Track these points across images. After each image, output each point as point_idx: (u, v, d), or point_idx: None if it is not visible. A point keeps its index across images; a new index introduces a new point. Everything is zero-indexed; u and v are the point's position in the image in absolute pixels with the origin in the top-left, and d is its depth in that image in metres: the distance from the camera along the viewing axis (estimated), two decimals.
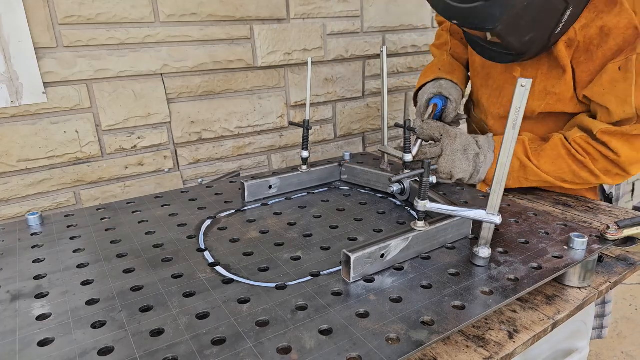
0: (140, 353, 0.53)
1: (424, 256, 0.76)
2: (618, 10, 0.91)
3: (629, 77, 0.91)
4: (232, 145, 1.48)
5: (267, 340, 0.55)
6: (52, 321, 0.60)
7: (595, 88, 0.96)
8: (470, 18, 0.90)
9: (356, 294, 0.65)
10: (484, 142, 1.07)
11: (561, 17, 0.91)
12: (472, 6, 0.85)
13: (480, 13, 0.85)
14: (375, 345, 0.54)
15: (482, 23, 0.88)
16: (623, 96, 0.92)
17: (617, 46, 0.93)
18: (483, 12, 0.85)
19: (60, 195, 1.24)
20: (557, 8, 0.89)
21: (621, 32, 0.92)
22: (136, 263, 0.75)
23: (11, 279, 0.71)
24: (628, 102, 0.92)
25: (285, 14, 1.45)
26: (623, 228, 0.79)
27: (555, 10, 0.89)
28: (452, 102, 1.21)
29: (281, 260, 0.76)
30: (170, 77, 1.31)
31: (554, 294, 0.74)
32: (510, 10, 0.83)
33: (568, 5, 0.89)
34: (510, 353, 0.61)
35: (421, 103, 1.25)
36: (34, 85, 1.12)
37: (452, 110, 1.21)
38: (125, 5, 1.19)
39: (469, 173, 1.05)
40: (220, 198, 1.05)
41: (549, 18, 0.91)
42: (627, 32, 0.91)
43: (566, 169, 1.01)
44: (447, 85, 1.24)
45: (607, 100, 0.95)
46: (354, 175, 1.15)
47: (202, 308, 0.62)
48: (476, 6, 0.85)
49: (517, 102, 0.62)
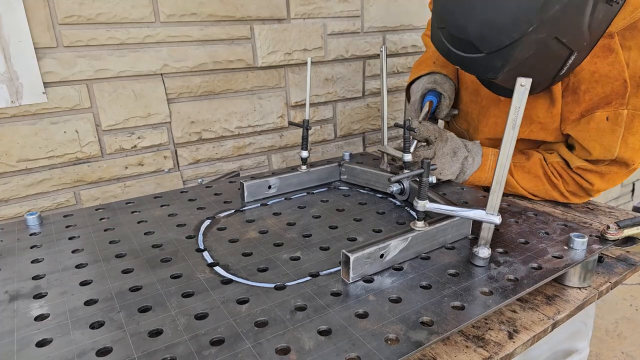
0: (138, 353, 0.53)
1: (423, 256, 0.76)
2: (612, 59, 0.92)
3: (616, 130, 0.94)
4: (232, 145, 1.48)
5: (266, 341, 0.55)
6: (50, 321, 0.60)
7: (582, 133, 0.99)
8: (472, 67, 0.92)
9: (355, 294, 0.65)
10: (472, 146, 1.12)
11: (565, 62, 0.90)
12: (474, 56, 0.86)
13: (482, 63, 0.86)
14: (374, 345, 0.54)
15: (484, 73, 0.89)
16: (608, 146, 0.96)
17: (604, 94, 0.94)
18: (485, 63, 0.86)
19: (60, 195, 1.24)
20: (561, 55, 0.88)
21: (610, 82, 0.93)
22: (135, 263, 0.75)
23: (9, 279, 0.71)
24: (611, 152, 0.96)
25: (285, 13, 1.44)
26: (623, 228, 0.79)
27: (559, 57, 0.89)
28: (446, 99, 1.23)
29: (280, 260, 0.76)
30: (170, 77, 1.31)
31: (554, 294, 0.74)
32: (513, 62, 0.83)
33: (572, 52, 0.88)
34: (510, 353, 0.61)
35: (415, 98, 1.26)
36: (34, 85, 1.12)
37: (445, 106, 1.24)
38: (125, 5, 1.19)
39: (455, 174, 1.11)
40: (219, 198, 1.05)
41: (553, 64, 0.90)
42: (616, 83, 0.92)
43: (540, 187, 1.08)
44: (441, 80, 1.25)
45: (592, 147, 0.98)
46: (354, 175, 1.15)
47: (201, 308, 0.62)
48: (478, 57, 0.85)
49: (517, 101, 0.62)
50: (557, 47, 0.85)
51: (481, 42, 0.83)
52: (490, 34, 0.81)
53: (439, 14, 0.92)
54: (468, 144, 1.12)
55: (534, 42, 0.81)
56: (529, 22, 0.77)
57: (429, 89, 1.24)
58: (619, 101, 0.93)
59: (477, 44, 0.84)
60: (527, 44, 0.80)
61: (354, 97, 1.71)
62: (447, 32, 0.89)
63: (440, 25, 0.91)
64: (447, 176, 1.10)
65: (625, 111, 0.92)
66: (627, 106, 0.92)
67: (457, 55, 0.89)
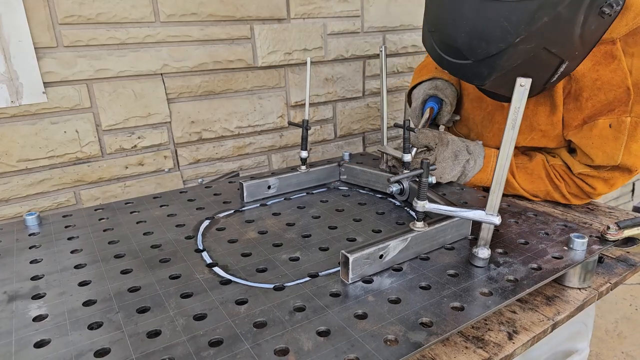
0: (136, 354, 0.53)
1: (422, 257, 0.75)
2: (615, 66, 0.92)
3: (620, 137, 0.94)
4: (232, 145, 1.48)
5: (265, 342, 0.55)
6: (48, 322, 0.60)
7: (584, 140, 0.99)
8: (460, 73, 0.92)
9: (354, 295, 0.65)
10: (474, 148, 1.11)
11: (556, 70, 0.89)
12: (462, 63, 0.86)
13: (470, 70, 0.87)
14: (373, 346, 0.54)
15: (472, 80, 0.90)
16: (610, 153, 0.96)
17: (607, 101, 0.94)
18: (473, 70, 0.86)
19: (60, 195, 1.24)
20: (551, 64, 0.88)
21: (613, 89, 0.92)
22: (134, 264, 0.75)
23: (8, 280, 0.71)
24: (614, 159, 0.96)
25: (285, 13, 1.44)
26: (623, 228, 0.78)
27: (549, 66, 0.88)
28: (447, 105, 1.23)
29: (279, 260, 0.76)
30: (170, 77, 1.31)
31: (553, 295, 0.73)
32: (500, 70, 0.83)
33: (563, 61, 0.87)
34: (509, 354, 0.60)
35: (416, 104, 1.26)
36: (34, 85, 1.12)
37: (447, 112, 1.23)
38: (125, 5, 1.19)
39: (456, 177, 1.10)
40: (218, 198, 1.05)
41: (543, 73, 0.90)
42: (619, 90, 0.92)
43: (542, 188, 1.08)
44: (443, 85, 1.24)
45: (594, 154, 0.98)
46: (353, 176, 1.15)
47: (200, 309, 0.62)
48: (466, 64, 0.86)
49: (517, 102, 0.62)
50: (546, 56, 0.84)
51: (468, 50, 0.83)
52: (478, 43, 0.81)
53: (430, 18, 0.92)
54: (470, 146, 1.12)
55: (522, 51, 0.80)
56: (517, 33, 0.77)
57: (430, 95, 1.24)
58: (622, 108, 0.92)
59: (464, 52, 0.84)
60: (514, 53, 0.80)
61: (354, 97, 1.71)
62: (437, 37, 0.90)
63: (431, 29, 0.92)
64: (447, 179, 1.10)
65: (629, 119, 0.92)
66: (630, 114, 0.92)
67: (447, 60, 0.89)
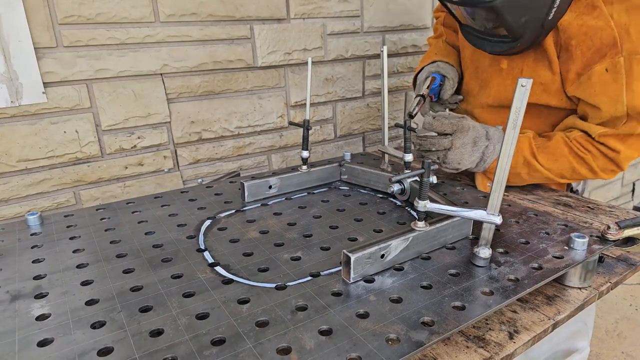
0: (139, 353, 0.53)
1: (424, 256, 0.76)
2: (597, 13, 0.97)
3: (618, 78, 0.96)
4: (232, 145, 1.48)
5: (267, 341, 0.55)
6: (51, 321, 0.60)
7: (586, 90, 1.01)
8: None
9: (356, 294, 0.65)
10: (494, 133, 1.07)
11: (552, 2, 0.94)
12: None
13: None
14: (375, 345, 0.54)
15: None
16: (615, 96, 0.97)
17: (595, 47, 0.98)
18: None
19: (60, 195, 1.24)
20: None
21: (598, 32, 0.97)
22: (136, 263, 0.75)
23: (10, 279, 0.71)
24: (620, 101, 0.97)
25: (285, 13, 1.44)
26: (624, 228, 0.79)
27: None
28: (449, 80, 1.27)
29: (281, 260, 0.76)
30: (170, 77, 1.31)
31: (554, 294, 0.74)
32: None
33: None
34: (510, 353, 0.61)
35: (420, 81, 1.31)
36: (34, 85, 1.11)
37: (450, 87, 1.28)
38: (125, 5, 1.19)
39: (475, 163, 1.06)
40: (220, 198, 1.05)
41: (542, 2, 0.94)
42: (604, 34, 0.96)
43: (567, 166, 1.05)
44: (445, 66, 1.30)
45: (600, 101, 0.99)
46: (354, 176, 1.15)
47: (202, 308, 0.62)
48: None
49: (518, 102, 0.62)
50: None
51: None
52: None
53: None
54: (490, 131, 1.07)
55: None
56: None
57: (432, 72, 1.29)
58: (612, 51, 0.96)
59: None
60: None
61: (354, 97, 1.71)
62: None
63: None
64: (465, 165, 1.06)
65: (622, 58, 0.95)
66: (622, 53, 0.95)
67: None
